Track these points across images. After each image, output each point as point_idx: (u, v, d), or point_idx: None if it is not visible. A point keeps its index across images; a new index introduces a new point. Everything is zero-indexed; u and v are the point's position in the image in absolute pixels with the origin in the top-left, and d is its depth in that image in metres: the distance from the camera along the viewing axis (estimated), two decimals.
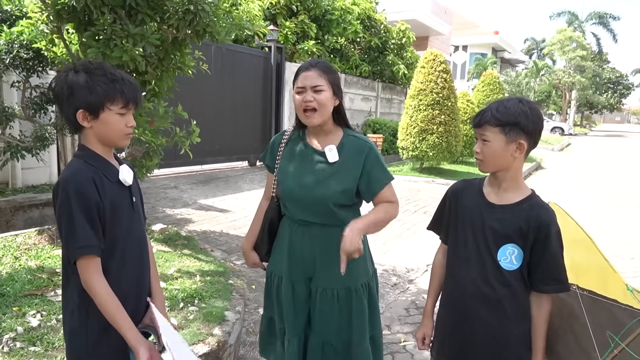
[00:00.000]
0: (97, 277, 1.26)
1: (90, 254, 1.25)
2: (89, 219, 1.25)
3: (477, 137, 1.52)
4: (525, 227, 1.46)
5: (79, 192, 1.25)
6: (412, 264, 4.44)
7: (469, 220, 1.56)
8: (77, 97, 1.27)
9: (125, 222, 1.36)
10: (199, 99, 7.61)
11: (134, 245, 1.40)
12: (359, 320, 1.73)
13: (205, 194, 6.58)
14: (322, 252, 1.73)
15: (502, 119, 1.44)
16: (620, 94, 44.71)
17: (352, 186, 1.69)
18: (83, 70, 1.28)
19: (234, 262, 4.00)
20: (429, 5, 18.11)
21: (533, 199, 1.50)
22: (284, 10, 10.29)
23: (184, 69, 3.66)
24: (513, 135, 1.44)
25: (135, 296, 1.41)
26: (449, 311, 1.61)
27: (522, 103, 1.46)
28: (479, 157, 1.50)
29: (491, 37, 30.70)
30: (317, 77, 1.64)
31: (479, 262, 1.52)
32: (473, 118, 1.53)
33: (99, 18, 2.93)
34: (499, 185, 1.53)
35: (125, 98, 1.30)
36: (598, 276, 1.47)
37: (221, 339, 2.45)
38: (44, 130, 3.97)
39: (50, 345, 2.21)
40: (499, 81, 13.97)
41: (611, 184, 10.41)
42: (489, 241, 1.50)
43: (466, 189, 1.62)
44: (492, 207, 1.52)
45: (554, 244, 1.45)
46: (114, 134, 1.33)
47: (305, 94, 1.65)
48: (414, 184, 8.85)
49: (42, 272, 3.03)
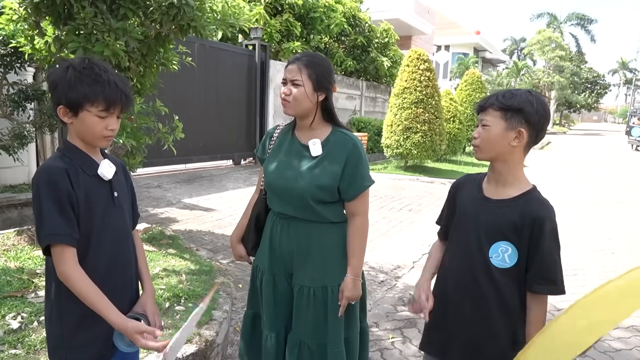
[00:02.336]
0: (71, 266, 1.25)
1: (59, 243, 1.24)
2: (59, 207, 1.24)
3: (477, 124, 1.49)
4: (519, 223, 1.41)
5: (50, 181, 1.25)
6: (398, 261, 4.45)
7: (465, 215, 1.55)
8: (59, 92, 1.27)
9: (102, 216, 1.35)
10: (183, 97, 7.52)
11: (112, 240, 1.38)
12: (334, 322, 1.72)
13: (189, 193, 6.50)
14: (299, 248, 1.73)
15: (505, 103, 1.41)
16: (598, 94, 45.74)
17: (331, 182, 1.68)
18: (72, 67, 1.28)
19: (220, 261, 3.96)
20: (411, 5, 18.23)
21: (531, 194, 1.46)
22: (269, 8, 10.23)
23: (167, 64, 3.59)
24: (514, 122, 1.41)
25: (115, 290, 1.39)
26: (435, 303, 1.60)
27: (530, 93, 1.44)
28: (476, 142, 1.47)
29: (473, 37, 31.06)
30: (296, 72, 1.67)
31: (470, 256, 1.50)
32: (477, 104, 1.50)
33: (80, 12, 2.86)
34: (497, 180, 1.50)
35: (107, 101, 1.28)
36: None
37: (209, 339, 2.41)
38: (22, 129, 3.86)
39: (32, 347, 2.15)
40: (481, 80, 14.16)
41: (590, 181, 10.63)
42: (482, 237, 1.47)
43: (466, 183, 1.61)
44: (488, 201, 1.50)
45: (548, 241, 1.40)
46: (90, 134, 1.32)
47: (286, 86, 1.69)
48: (398, 182, 8.89)
49: (22, 274, 2.94)
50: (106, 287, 1.36)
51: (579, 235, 5.80)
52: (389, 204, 6.89)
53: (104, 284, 1.35)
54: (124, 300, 1.44)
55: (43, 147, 5.43)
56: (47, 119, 3.94)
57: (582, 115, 74.37)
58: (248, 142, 9.30)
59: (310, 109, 1.71)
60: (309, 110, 1.71)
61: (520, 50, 41.74)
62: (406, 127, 9.34)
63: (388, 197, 7.36)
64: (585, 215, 7.02)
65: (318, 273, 1.72)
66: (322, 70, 1.69)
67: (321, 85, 1.69)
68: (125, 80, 1.35)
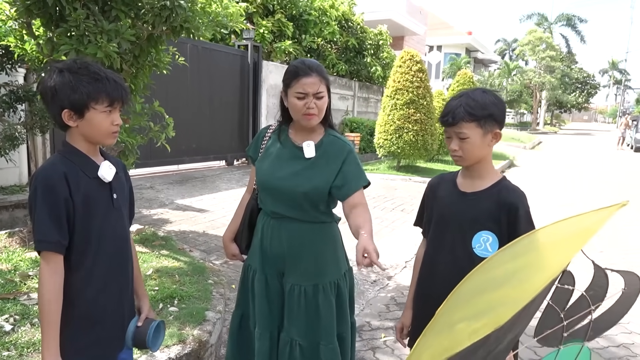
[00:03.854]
0: (48, 275, 1.26)
1: (45, 250, 1.26)
2: (52, 214, 1.26)
3: (449, 135, 1.53)
4: (496, 211, 1.49)
5: (47, 186, 1.26)
6: (391, 260, 4.48)
7: (444, 211, 1.61)
8: (61, 97, 1.27)
9: (101, 218, 1.36)
10: (175, 98, 7.50)
11: (111, 242, 1.39)
12: (326, 319, 1.74)
13: (182, 194, 6.49)
14: (290, 247, 1.75)
15: (476, 114, 1.46)
16: (588, 94, 46.23)
17: (323, 185, 1.71)
18: (67, 70, 1.28)
19: (213, 262, 3.96)
20: (404, 6, 18.31)
21: (502, 183, 1.54)
22: (260, 9, 10.23)
23: (159, 65, 3.60)
24: (488, 126, 1.48)
25: (114, 293, 1.41)
26: (420, 298, 1.65)
27: (486, 93, 1.50)
28: (458, 154, 1.51)
29: (465, 38, 31.24)
30: (319, 84, 1.68)
31: (454, 251, 1.55)
32: (442, 117, 1.52)
33: (71, 13, 2.86)
34: (471, 175, 1.57)
35: (110, 97, 1.31)
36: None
37: (202, 339, 2.42)
38: (13, 130, 3.84)
39: (25, 350, 2.15)
40: (473, 81, 14.23)
41: (581, 181, 10.75)
42: (463, 229, 1.53)
43: (441, 182, 1.68)
44: (465, 195, 1.57)
45: (523, 225, 1.46)
46: (99, 132, 1.33)
47: (308, 100, 1.67)
48: (391, 182, 8.93)
49: (14, 276, 2.94)
50: (104, 290, 1.37)
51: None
52: (382, 204, 6.93)
53: (103, 286, 1.36)
54: (123, 302, 1.45)
55: (34, 148, 5.40)
56: (39, 120, 3.93)
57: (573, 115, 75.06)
58: (241, 143, 9.30)
59: None
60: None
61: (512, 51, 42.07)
62: (398, 127, 9.39)
63: (380, 197, 7.40)
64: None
65: (309, 272, 1.74)
66: (328, 77, 1.76)
67: (329, 93, 1.76)
68: (119, 76, 1.37)
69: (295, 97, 1.69)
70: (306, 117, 1.69)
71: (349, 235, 1.88)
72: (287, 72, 1.72)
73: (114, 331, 1.43)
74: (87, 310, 1.34)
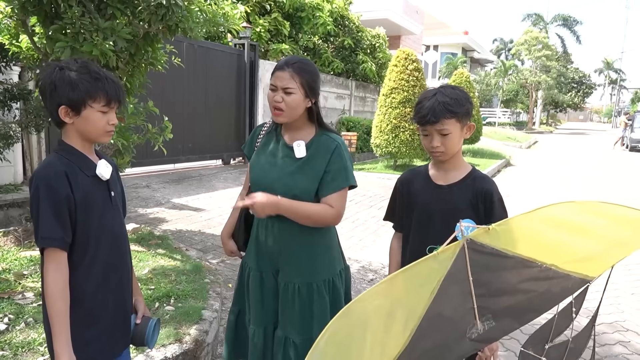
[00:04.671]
0: (53, 272, 1.28)
1: (50, 246, 1.27)
2: (55, 211, 1.27)
3: (427, 133, 1.57)
4: (474, 200, 1.58)
5: (48, 185, 1.27)
6: (387, 259, 4.48)
7: (422, 205, 1.66)
8: (60, 93, 1.29)
9: (100, 216, 1.38)
10: (171, 97, 7.48)
11: (110, 239, 1.41)
12: (320, 317, 1.73)
13: (178, 193, 6.47)
14: (284, 245, 1.75)
15: (456, 110, 1.53)
16: (584, 93, 46.36)
17: (313, 185, 1.69)
18: (67, 68, 1.31)
19: (209, 261, 3.95)
20: (400, 5, 18.31)
21: (474, 174, 1.64)
22: (257, 8, 10.21)
23: (155, 64, 3.59)
24: (465, 120, 1.57)
25: (114, 288, 1.42)
26: None
27: (456, 90, 1.58)
28: (440, 149, 1.58)
29: (461, 37, 31.29)
30: (289, 79, 1.64)
31: (440, 241, 1.56)
32: (421, 117, 1.55)
33: (67, 11, 2.84)
34: (445, 168, 1.64)
35: (108, 96, 1.33)
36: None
37: (199, 338, 2.41)
38: (8, 128, 3.82)
39: (20, 349, 2.13)
40: (469, 80, 14.27)
41: (576, 180, 10.79)
42: (446, 219, 1.55)
43: (414, 177, 1.73)
44: (440, 188, 1.64)
45: (498, 210, 1.56)
46: (94, 130, 1.35)
47: (276, 93, 1.66)
48: (387, 181, 8.93)
49: (9, 275, 2.92)
50: (105, 286, 1.39)
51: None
52: (378, 203, 6.93)
53: (103, 282, 1.38)
54: (125, 298, 1.47)
55: (29, 147, 5.38)
56: (34, 119, 3.91)
57: (569, 115, 75.36)
58: (237, 142, 9.28)
59: (300, 115, 1.72)
60: (300, 115, 1.72)
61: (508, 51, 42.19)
62: (395, 126, 9.40)
63: (377, 197, 7.40)
64: None
65: (303, 270, 1.74)
66: (312, 76, 1.69)
67: (312, 92, 1.69)
68: (115, 77, 1.40)
69: (270, 89, 1.71)
70: (273, 111, 1.69)
71: (346, 234, 1.88)
72: None
73: (116, 326, 1.44)
74: (88, 306, 1.36)
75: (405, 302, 1.15)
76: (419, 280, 1.15)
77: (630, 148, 20.34)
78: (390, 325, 1.14)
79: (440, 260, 1.20)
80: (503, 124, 33.23)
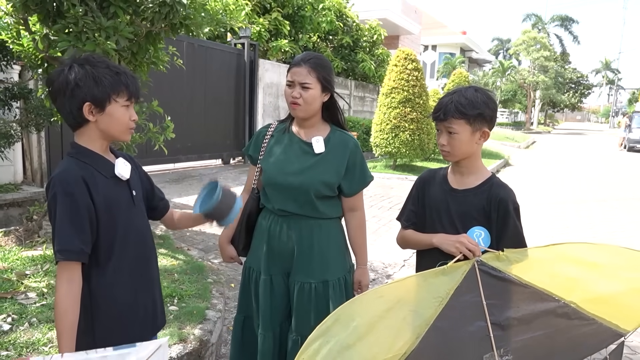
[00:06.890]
0: (66, 282, 1.23)
1: (66, 260, 1.22)
2: (74, 222, 1.22)
3: (439, 129, 1.57)
4: (487, 207, 1.53)
5: (66, 193, 1.23)
6: (389, 259, 4.48)
7: (436, 207, 1.64)
8: (85, 90, 1.25)
9: (124, 217, 1.34)
10: (171, 96, 7.45)
11: (135, 240, 1.38)
12: None
13: (178, 193, 6.45)
14: (300, 245, 1.74)
15: (466, 112, 1.50)
16: (581, 94, 46.50)
17: (334, 180, 1.74)
18: (87, 63, 1.27)
19: (211, 261, 3.95)
20: (399, 5, 18.32)
21: (492, 180, 1.59)
22: (257, 7, 10.19)
23: (157, 63, 3.57)
24: (477, 125, 1.52)
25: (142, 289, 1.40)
26: None
27: (479, 92, 1.53)
28: (446, 148, 1.56)
29: (459, 37, 31.31)
30: (306, 74, 1.67)
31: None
32: (434, 112, 1.57)
33: (69, 10, 2.82)
34: (462, 172, 1.61)
35: (129, 91, 1.31)
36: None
37: (203, 338, 2.41)
38: (8, 127, 3.80)
39: (24, 349, 2.12)
40: (468, 80, 14.29)
41: (574, 180, 10.82)
42: (457, 226, 1.56)
43: (432, 178, 1.71)
44: (456, 192, 1.61)
45: (513, 221, 1.51)
46: (118, 127, 1.31)
47: (294, 89, 1.69)
48: (387, 181, 8.94)
49: (11, 275, 2.91)
50: (131, 286, 1.36)
51: (563, 233, 5.91)
52: (378, 203, 6.93)
53: (130, 283, 1.35)
54: (154, 296, 1.45)
55: (29, 146, 5.36)
56: (34, 118, 3.89)
57: (566, 115, 75.56)
58: (237, 141, 9.26)
59: (317, 110, 1.75)
60: (316, 111, 1.75)
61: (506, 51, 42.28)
62: (394, 126, 9.40)
63: (377, 196, 7.40)
64: (569, 213, 7.15)
65: (318, 269, 1.74)
66: (328, 71, 1.73)
67: (328, 87, 1.73)
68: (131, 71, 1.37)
69: (286, 85, 1.73)
70: (291, 105, 1.71)
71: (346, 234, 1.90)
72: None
73: (145, 326, 1.42)
74: (118, 311, 1.33)
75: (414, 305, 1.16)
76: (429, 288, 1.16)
77: (628, 148, 20.35)
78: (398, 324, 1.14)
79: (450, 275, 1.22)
80: (501, 124, 33.28)
